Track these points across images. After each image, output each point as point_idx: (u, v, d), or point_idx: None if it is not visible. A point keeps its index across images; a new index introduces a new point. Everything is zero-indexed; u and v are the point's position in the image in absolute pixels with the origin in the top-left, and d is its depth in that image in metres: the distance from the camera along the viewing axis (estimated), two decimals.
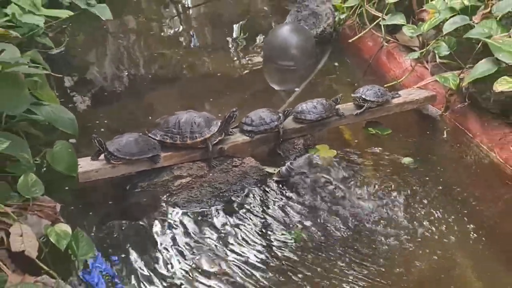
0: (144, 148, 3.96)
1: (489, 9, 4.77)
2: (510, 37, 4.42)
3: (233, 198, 4.05)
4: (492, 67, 4.40)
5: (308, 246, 3.71)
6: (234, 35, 6.36)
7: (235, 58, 5.91)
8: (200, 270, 3.49)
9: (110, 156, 3.89)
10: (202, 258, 3.58)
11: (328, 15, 5.89)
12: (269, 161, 4.38)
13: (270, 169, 4.28)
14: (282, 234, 3.78)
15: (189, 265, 3.54)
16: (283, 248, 3.68)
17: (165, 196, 4.00)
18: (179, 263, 3.54)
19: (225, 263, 3.55)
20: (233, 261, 3.58)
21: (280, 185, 4.17)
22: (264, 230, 3.81)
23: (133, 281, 3.39)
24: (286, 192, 4.12)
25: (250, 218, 3.90)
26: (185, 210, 3.93)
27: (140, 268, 3.52)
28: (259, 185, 4.16)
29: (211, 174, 4.12)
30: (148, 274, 3.47)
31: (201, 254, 3.61)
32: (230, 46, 6.17)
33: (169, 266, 3.53)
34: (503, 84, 4.23)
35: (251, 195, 4.08)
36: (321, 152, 4.43)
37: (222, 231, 3.80)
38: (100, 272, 3.27)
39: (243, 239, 3.74)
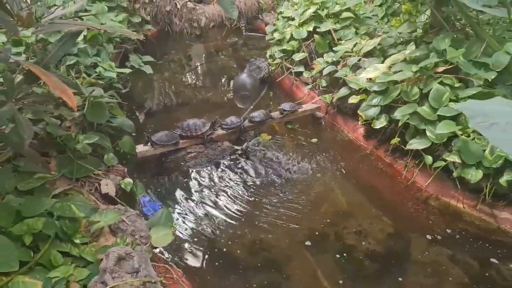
0: (171, 138, 3.94)
1: (345, 62, 4.80)
2: (356, 76, 4.46)
3: (218, 162, 4.03)
4: (347, 91, 4.43)
5: (257, 185, 3.73)
6: (219, 79, 6.32)
7: (219, 92, 5.88)
8: (205, 197, 3.53)
9: (153, 143, 3.87)
10: (205, 191, 3.61)
11: (265, 67, 5.87)
12: (237, 143, 4.35)
13: (237, 147, 4.25)
14: (240, 179, 3.81)
15: (198, 195, 3.58)
16: (245, 186, 3.71)
17: (182, 163, 3.98)
18: (193, 195, 3.59)
19: (217, 192, 3.60)
20: (220, 191, 3.61)
21: (242, 155, 4.15)
22: (235, 177, 3.83)
23: (169, 206, 3.41)
24: (244, 158, 4.11)
25: (227, 172, 3.91)
26: (193, 169, 3.92)
27: (172, 199, 3.54)
28: (232, 155, 4.14)
29: (206, 151, 4.10)
30: (177, 201, 3.50)
31: (200, 188, 3.65)
32: (216, 85, 6.13)
33: (188, 198, 3.57)
34: (353, 99, 4.28)
35: (227, 161, 4.07)
36: (263, 137, 4.41)
37: (213, 178, 3.81)
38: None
39: (224, 181, 3.77)
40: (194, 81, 6.34)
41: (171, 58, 7.13)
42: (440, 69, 3.65)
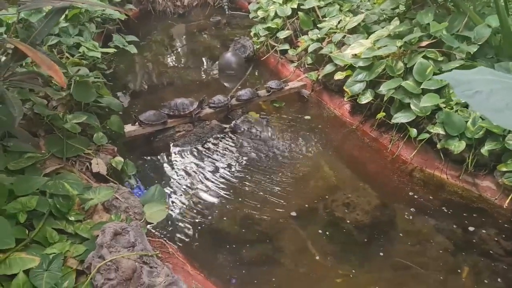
0: (159, 118, 3.93)
1: (330, 39, 4.82)
2: (341, 52, 4.50)
3: (207, 141, 4.03)
4: (333, 68, 4.47)
5: (246, 162, 3.77)
6: (203, 59, 6.26)
7: (204, 71, 5.84)
8: (195, 175, 3.55)
9: (141, 123, 3.85)
10: (195, 169, 3.63)
11: (250, 46, 5.83)
12: (225, 121, 4.34)
13: (225, 125, 4.25)
14: (230, 156, 3.83)
15: (188, 173, 3.59)
16: (235, 163, 3.74)
17: (171, 142, 3.97)
18: (183, 173, 3.60)
19: (207, 170, 3.62)
20: (210, 169, 3.64)
21: (230, 133, 4.16)
22: (224, 154, 3.85)
23: (155, 182, 3.40)
24: (233, 136, 4.12)
25: (215, 149, 3.92)
26: (182, 148, 3.91)
27: (162, 177, 3.55)
28: (220, 134, 4.14)
29: (195, 129, 4.09)
30: (167, 180, 3.51)
31: (190, 165, 3.66)
32: (201, 65, 6.08)
33: (178, 176, 3.57)
34: (338, 75, 4.32)
35: (216, 139, 4.07)
36: (251, 115, 4.41)
37: (202, 156, 3.82)
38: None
39: (213, 158, 3.79)
40: (178, 61, 6.28)
41: (154, 38, 7.02)
42: (424, 43, 3.72)
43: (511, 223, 3.08)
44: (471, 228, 3.06)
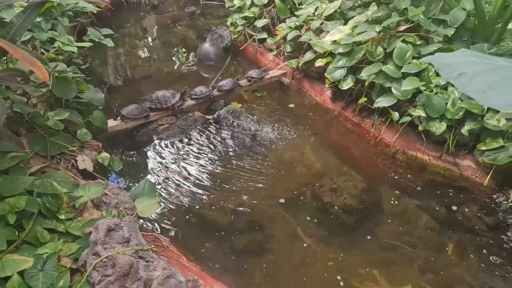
0: (141, 111, 3.88)
1: (308, 26, 4.83)
2: (320, 39, 4.52)
3: (190, 133, 4.01)
4: (313, 55, 4.49)
5: (232, 152, 3.77)
6: (179, 51, 6.17)
7: (182, 63, 5.76)
8: (181, 167, 3.53)
9: (123, 117, 3.80)
10: (180, 161, 3.61)
11: (228, 36, 5.80)
12: (207, 112, 4.32)
13: (208, 116, 4.23)
14: (215, 147, 3.83)
15: (174, 165, 3.57)
16: (220, 153, 3.74)
17: (155, 135, 3.93)
18: (169, 166, 3.57)
19: (193, 162, 3.60)
20: (196, 160, 3.62)
21: (214, 124, 4.15)
22: (206, 146, 3.84)
23: (141, 177, 3.39)
24: (217, 127, 4.10)
25: (200, 141, 3.90)
26: (166, 141, 3.88)
27: (148, 171, 3.52)
28: (203, 125, 4.12)
29: (178, 122, 4.06)
30: (153, 173, 3.48)
31: (176, 158, 3.64)
32: (178, 57, 5.99)
33: (164, 169, 3.54)
34: (318, 62, 4.35)
35: (199, 130, 4.05)
36: (233, 105, 4.39)
37: (186, 147, 3.80)
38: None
39: (198, 150, 3.77)
40: (154, 53, 6.17)
41: (128, 31, 6.89)
42: (402, 28, 3.78)
43: (492, 199, 3.20)
44: (454, 207, 3.16)
